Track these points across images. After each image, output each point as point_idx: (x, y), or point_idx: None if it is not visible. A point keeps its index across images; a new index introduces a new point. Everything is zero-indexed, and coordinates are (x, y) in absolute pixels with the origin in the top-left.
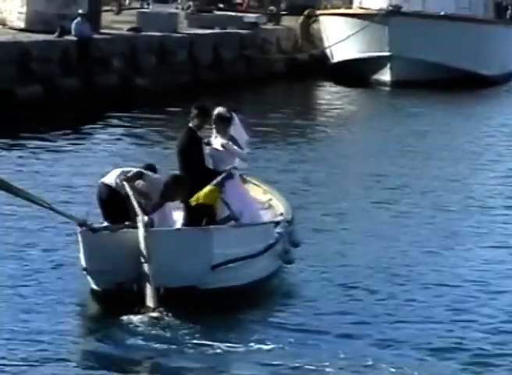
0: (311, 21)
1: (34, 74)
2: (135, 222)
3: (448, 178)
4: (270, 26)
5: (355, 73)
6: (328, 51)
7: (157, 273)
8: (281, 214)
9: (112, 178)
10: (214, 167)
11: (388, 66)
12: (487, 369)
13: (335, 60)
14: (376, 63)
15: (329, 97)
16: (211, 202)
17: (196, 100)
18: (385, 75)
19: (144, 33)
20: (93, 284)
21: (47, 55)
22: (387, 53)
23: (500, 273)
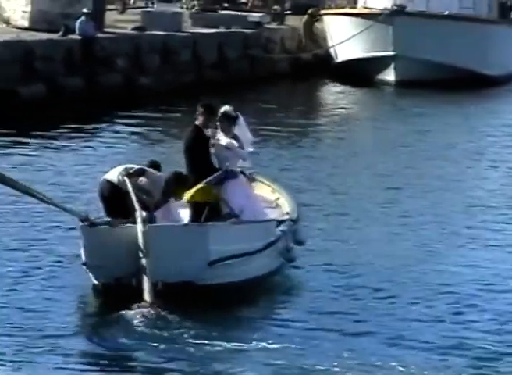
0: (315, 20)
1: (38, 73)
2: (135, 217)
3: (452, 178)
4: (274, 25)
5: (359, 73)
6: (332, 50)
7: (154, 268)
8: (287, 213)
9: (115, 175)
10: (219, 166)
11: (392, 66)
12: (493, 368)
13: (339, 60)
14: (380, 63)
15: (333, 96)
16: (208, 199)
17: (200, 99)
18: (389, 75)
19: (148, 32)
20: (93, 279)
21: (51, 54)
22: (391, 53)
23: (504, 273)
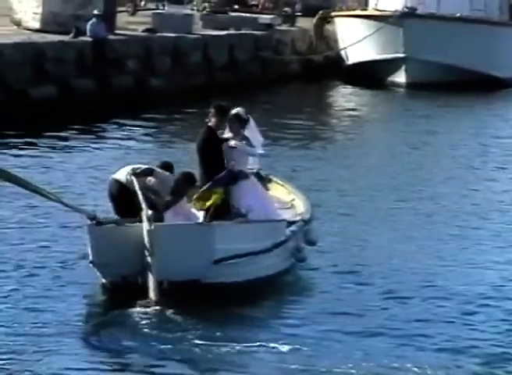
0: (326, 22)
1: (49, 75)
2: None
3: (461, 179)
4: (285, 27)
5: (370, 75)
6: (343, 52)
7: (160, 267)
8: (300, 214)
9: (123, 174)
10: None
11: (403, 68)
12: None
13: (350, 62)
14: (391, 65)
15: (344, 98)
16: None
17: (211, 101)
18: (400, 77)
19: (159, 34)
20: (100, 277)
21: (62, 56)
22: (402, 55)
23: None
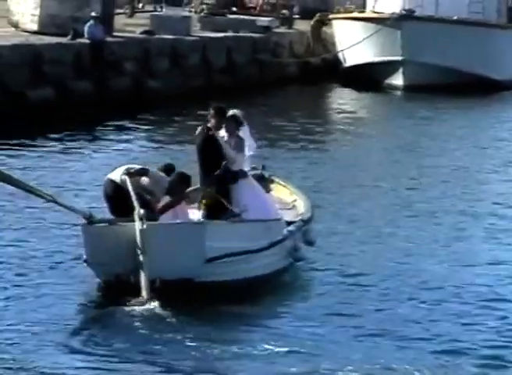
0: (324, 24)
1: (47, 77)
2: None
3: (460, 181)
4: (283, 30)
5: (367, 78)
6: (340, 55)
7: (152, 265)
8: (301, 214)
9: (118, 174)
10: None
11: (400, 71)
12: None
13: (347, 64)
14: (389, 67)
15: (341, 101)
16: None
17: (208, 103)
18: (397, 79)
19: (157, 36)
20: (94, 276)
21: (59, 58)
22: (399, 57)
23: None
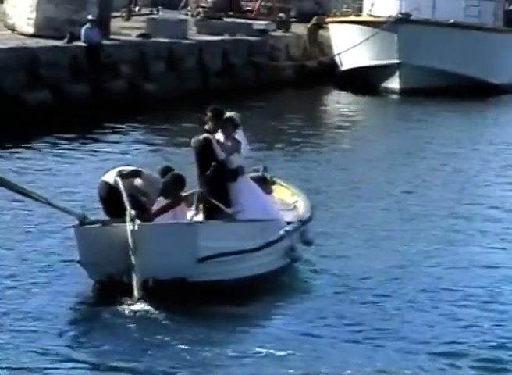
0: (321, 28)
1: (43, 80)
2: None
3: (457, 185)
4: (279, 33)
5: (364, 81)
6: (337, 58)
7: (145, 265)
8: (301, 214)
9: (112, 176)
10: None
11: (397, 74)
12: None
13: (344, 68)
14: (385, 71)
15: (338, 104)
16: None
17: (205, 106)
18: (394, 83)
19: (153, 39)
20: (88, 276)
21: (56, 61)
22: (396, 61)
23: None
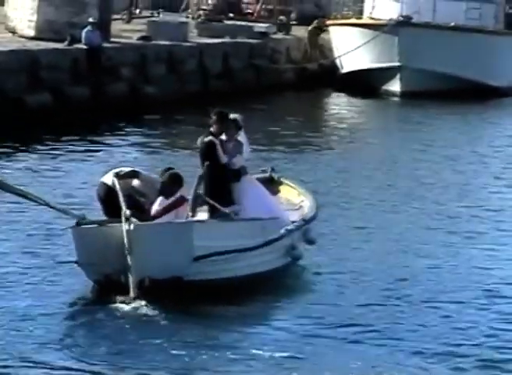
0: (322, 31)
1: (44, 82)
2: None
3: (457, 187)
4: (280, 35)
5: (365, 84)
6: (337, 61)
7: (140, 265)
8: (305, 213)
9: (109, 177)
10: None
11: (397, 77)
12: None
13: (344, 70)
14: (386, 74)
15: (338, 107)
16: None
17: (205, 109)
18: (394, 85)
19: (154, 42)
20: (85, 276)
21: (56, 64)
22: (397, 64)
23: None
